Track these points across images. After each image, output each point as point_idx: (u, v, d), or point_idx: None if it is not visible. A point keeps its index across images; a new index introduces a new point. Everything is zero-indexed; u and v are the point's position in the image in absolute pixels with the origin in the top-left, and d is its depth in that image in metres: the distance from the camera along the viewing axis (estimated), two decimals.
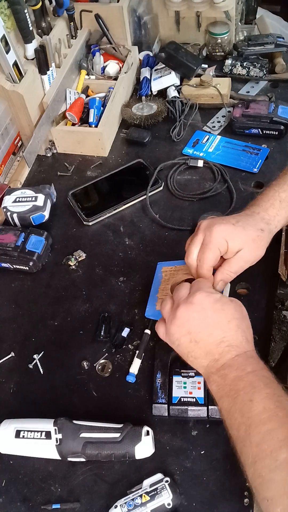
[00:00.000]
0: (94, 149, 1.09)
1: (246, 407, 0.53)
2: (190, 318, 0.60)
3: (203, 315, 0.59)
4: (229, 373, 0.57)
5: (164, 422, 0.71)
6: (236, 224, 0.68)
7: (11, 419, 0.70)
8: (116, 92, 1.11)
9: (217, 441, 0.69)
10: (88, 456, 0.66)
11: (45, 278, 0.91)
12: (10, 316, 0.87)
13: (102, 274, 0.90)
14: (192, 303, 0.60)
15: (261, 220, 0.70)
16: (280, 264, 0.83)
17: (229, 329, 0.59)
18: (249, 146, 1.05)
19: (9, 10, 0.96)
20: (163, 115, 1.11)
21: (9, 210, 0.94)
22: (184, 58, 1.13)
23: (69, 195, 1.01)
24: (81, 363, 0.79)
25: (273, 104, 1.05)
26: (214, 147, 1.06)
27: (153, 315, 0.76)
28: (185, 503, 0.65)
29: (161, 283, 0.79)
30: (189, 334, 0.59)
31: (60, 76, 1.08)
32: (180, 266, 0.79)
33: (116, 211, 0.98)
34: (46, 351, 0.81)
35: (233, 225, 0.68)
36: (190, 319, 0.60)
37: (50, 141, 1.11)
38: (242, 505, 0.64)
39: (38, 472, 0.69)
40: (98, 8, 1.14)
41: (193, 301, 0.60)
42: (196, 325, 0.59)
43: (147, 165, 1.03)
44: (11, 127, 1.06)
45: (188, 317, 0.60)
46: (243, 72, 1.18)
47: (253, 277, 0.84)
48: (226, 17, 1.19)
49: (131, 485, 0.66)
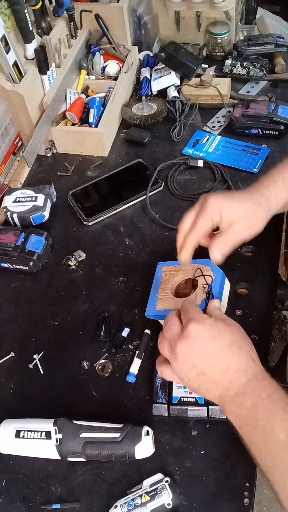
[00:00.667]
0: (94, 149, 1.09)
1: (268, 437, 0.52)
2: (191, 351, 0.58)
3: (202, 346, 0.57)
4: (244, 402, 0.55)
5: (164, 422, 0.71)
6: (232, 197, 0.68)
7: (11, 419, 0.70)
8: (116, 92, 1.11)
9: (217, 441, 0.69)
10: (88, 456, 0.66)
11: (45, 278, 0.91)
12: (10, 316, 0.87)
13: (102, 274, 0.90)
14: (188, 336, 0.58)
15: (260, 195, 0.69)
16: (280, 264, 0.83)
17: (232, 353, 0.57)
18: (249, 146, 1.05)
19: (9, 10, 0.96)
20: (163, 115, 1.11)
21: (9, 210, 0.94)
22: (184, 58, 1.13)
23: (69, 195, 1.01)
24: (81, 363, 0.79)
25: (273, 104, 1.05)
26: (214, 147, 1.06)
27: (153, 315, 0.76)
28: (185, 503, 0.65)
29: (161, 283, 0.79)
30: (195, 367, 0.58)
31: (60, 76, 1.08)
32: (180, 266, 0.79)
33: (116, 211, 0.98)
34: (46, 351, 0.81)
35: (229, 197, 0.68)
36: (191, 353, 0.58)
37: (50, 141, 1.11)
38: (242, 505, 0.64)
39: (38, 472, 0.69)
40: (98, 8, 1.14)
41: (188, 335, 0.58)
42: (198, 357, 0.57)
43: (147, 165, 1.03)
44: (11, 127, 1.06)
45: (188, 351, 0.58)
46: (243, 72, 1.18)
47: (253, 277, 0.84)
48: (226, 17, 1.19)
49: (131, 485, 0.66)
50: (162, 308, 0.75)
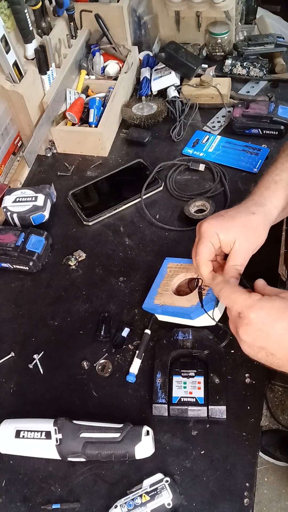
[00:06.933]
0: (94, 149, 1.09)
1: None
2: (255, 338, 0.57)
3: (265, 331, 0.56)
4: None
5: (164, 422, 0.71)
6: (225, 215, 0.67)
7: (11, 419, 0.70)
8: (116, 92, 1.11)
9: (217, 441, 0.69)
10: (88, 456, 0.66)
11: (45, 278, 0.91)
12: (10, 316, 0.87)
13: (102, 274, 0.90)
14: (249, 324, 0.57)
15: (253, 204, 0.68)
16: (280, 264, 0.83)
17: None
18: (249, 146, 1.05)
19: (9, 10, 0.96)
20: (163, 115, 1.11)
21: (9, 210, 0.94)
22: (184, 58, 1.13)
23: (69, 195, 1.01)
24: (81, 363, 0.79)
25: (273, 104, 1.05)
26: (214, 147, 1.06)
27: (150, 308, 0.77)
28: (185, 503, 0.65)
29: (164, 278, 0.79)
30: (263, 349, 0.58)
31: (60, 76, 1.08)
32: (185, 265, 0.79)
33: (116, 211, 0.98)
34: (46, 351, 0.81)
35: (222, 217, 0.67)
36: (255, 339, 0.57)
37: (50, 141, 1.11)
38: (242, 505, 0.64)
39: (38, 472, 0.70)
40: (98, 8, 1.14)
41: (249, 322, 0.57)
42: (264, 341, 0.57)
43: (147, 165, 1.03)
44: (11, 127, 1.06)
45: (252, 338, 0.57)
46: (243, 72, 1.18)
47: (253, 277, 0.83)
48: (226, 17, 1.19)
49: (131, 485, 0.66)
50: (159, 303, 0.75)
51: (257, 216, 0.67)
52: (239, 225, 0.66)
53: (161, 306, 0.75)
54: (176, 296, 0.75)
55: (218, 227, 0.66)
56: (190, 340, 0.76)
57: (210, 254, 0.67)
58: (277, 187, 0.70)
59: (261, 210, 0.68)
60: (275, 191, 0.70)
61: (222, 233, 0.66)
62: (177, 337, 0.77)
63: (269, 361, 0.59)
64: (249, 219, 0.66)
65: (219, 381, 0.71)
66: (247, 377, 0.74)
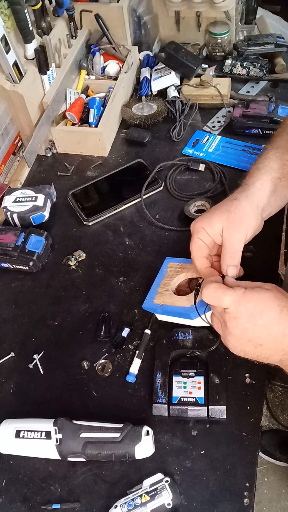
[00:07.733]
0: (94, 149, 1.09)
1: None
2: (243, 330, 0.58)
3: (253, 323, 0.57)
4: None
5: (164, 422, 0.71)
6: (209, 210, 0.69)
7: (11, 419, 0.70)
8: (116, 92, 1.11)
9: (217, 441, 0.69)
10: (88, 456, 0.66)
11: (45, 278, 0.91)
12: (10, 316, 0.87)
13: (102, 274, 0.90)
14: (237, 317, 0.58)
15: (237, 191, 0.69)
16: (280, 264, 0.83)
17: (284, 319, 0.57)
18: (249, 146, 1.05)
19: (9, 10, 0.96)
20: (163, 115, 1.11)
21: (9, 210, 0.94)
22: (184, 58, 1.13)
23: (69, 195, 1.01)
24: (81, 363, 0.79)
25: (273, 104, 1.05)
26: (214, 147, 1.06)
27: (150, 307, 0.76)
28: (185, 503, 0.65)
29: (164, 278, 0.79)
30: (250, 341, 0.58)
31: (60, 76, 1.08)
32: (186, 265, 0.79)
33: (116, 211, 0.98)
34: (46, 351, 0.81)
35: (208, 212, 0.68)
36: (243, 332, 0.58)
37: (50, 141, 1.11)
38: (242, 505, 0.64)
39: (38, 472, 0.70)
40: (98, 8, 1.14)
41: (239, 315, 0.58)
42: (252, 333, 0.58)
43: (147, 165, 1.03)
44: (11, 127, 1.06)
45: (241, 331, 0.58)
46: (243, 72, 1.18)
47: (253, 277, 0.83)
48: (226, 17, 1.19)
49: (131, 485, 0.66)
50: (159, 303, 0.75)
51: (240, 201, 0.67)
52: (222, 212, 0.66)
53: (161, 306, 0.75)
54: (176, 296, 0.75)
55: (203, 222, 0.67)
56: (190, 340, 0.76)
57: (201, 250, 0.68)
58: (260, 172, 0.71)
59: (243, 194, 0.68)
60: (257, 176, 0.70)
61: (207, 226, 0.66)
62: (177, 337, 0.77)
63: (256, 353, 0.59)
64: (232, 204, 0.67)
65: (219, 381, 0.72)
66: (247, 377, 0.74)
